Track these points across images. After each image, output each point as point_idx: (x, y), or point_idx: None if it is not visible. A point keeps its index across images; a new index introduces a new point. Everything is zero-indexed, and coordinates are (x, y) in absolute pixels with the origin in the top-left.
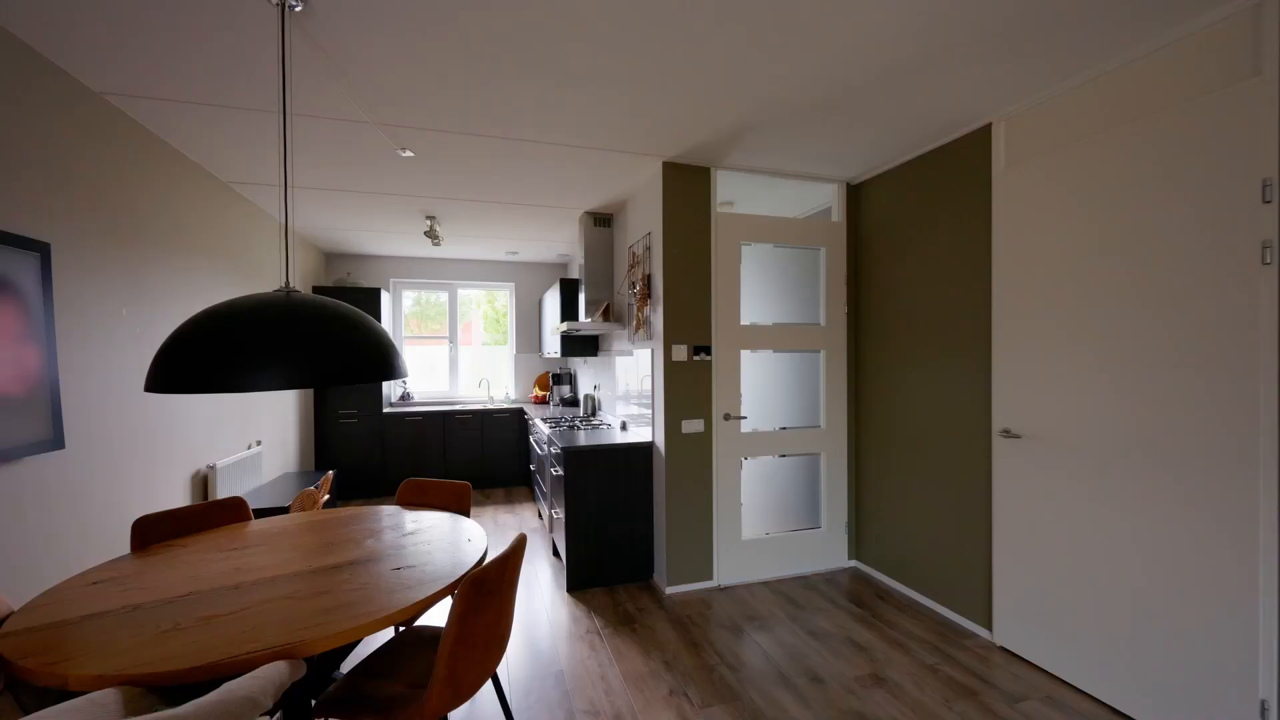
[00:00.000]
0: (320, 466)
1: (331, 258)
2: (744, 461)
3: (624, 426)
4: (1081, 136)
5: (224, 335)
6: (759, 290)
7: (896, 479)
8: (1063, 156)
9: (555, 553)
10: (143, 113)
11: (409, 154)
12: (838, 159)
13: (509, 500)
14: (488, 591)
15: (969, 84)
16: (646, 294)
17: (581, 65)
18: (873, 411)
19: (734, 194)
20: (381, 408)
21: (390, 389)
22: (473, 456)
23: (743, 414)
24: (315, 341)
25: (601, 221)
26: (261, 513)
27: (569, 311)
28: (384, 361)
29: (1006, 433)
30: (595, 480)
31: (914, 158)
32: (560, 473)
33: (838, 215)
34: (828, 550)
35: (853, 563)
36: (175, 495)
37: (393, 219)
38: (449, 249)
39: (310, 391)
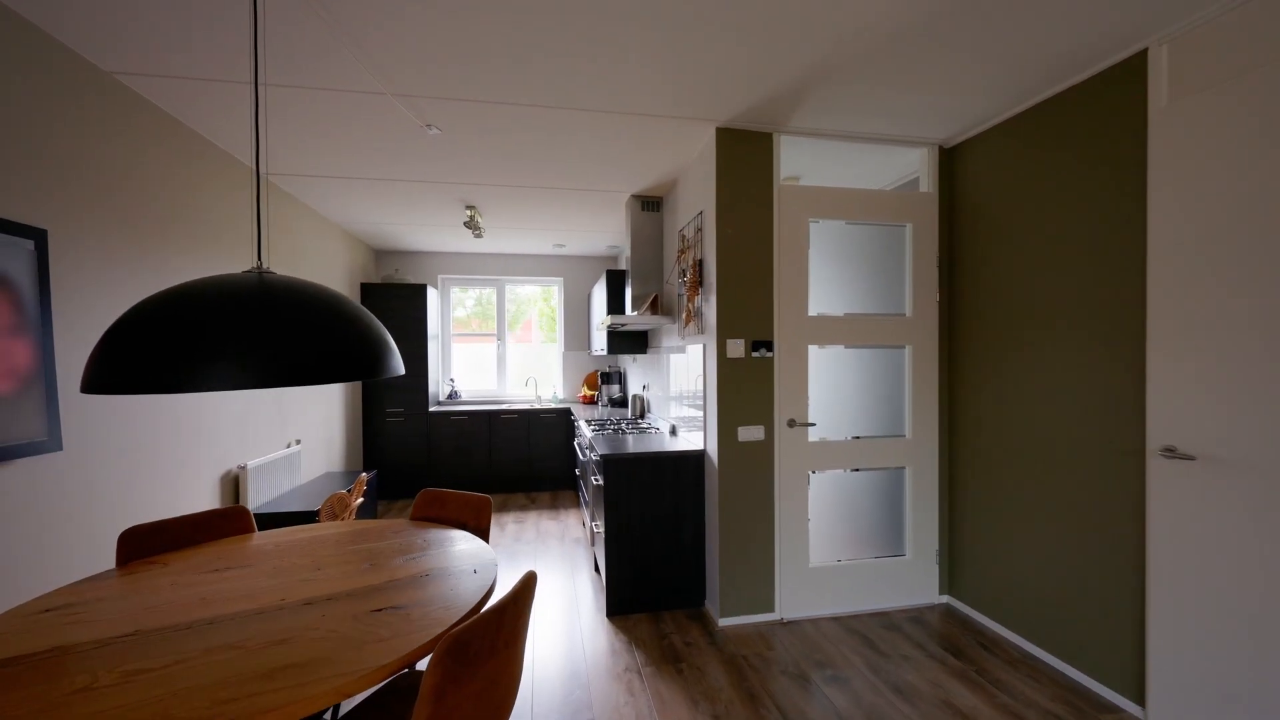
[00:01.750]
0: (368, 466)
1: (380, 254)
2: (811, 476)
3: (674, 431)
4: None
5: (174, 325)
6: (831, 276)
7: (1004, 502)
8: (1256, 82)
9: (597, 568)
10: (159, 94)
11: (435, 130)
12: (929, 113)
13: (554, 505)
14: (474, 656)
15: None
16: (698, 282)
17: (611, 6)
18: (973, 419)
19: (800, 169)
20: (428, 406)
21: (438, 387)
22: (519, 457)
23: (810, 420)
24: (287, 331)
25: (650, 206)
26: (287, 518)
27: (615, 305)
28: (371, 357)
29: (1170, 451)
30: (639, 492)
31: (1030, 106)
32: (601, 482)
33: (927, 185)
34: (914, 583)
35: (944, 599)
36: (202, 498)
37: (432, 210)
38: (495, 243)
39: (358, 388)
